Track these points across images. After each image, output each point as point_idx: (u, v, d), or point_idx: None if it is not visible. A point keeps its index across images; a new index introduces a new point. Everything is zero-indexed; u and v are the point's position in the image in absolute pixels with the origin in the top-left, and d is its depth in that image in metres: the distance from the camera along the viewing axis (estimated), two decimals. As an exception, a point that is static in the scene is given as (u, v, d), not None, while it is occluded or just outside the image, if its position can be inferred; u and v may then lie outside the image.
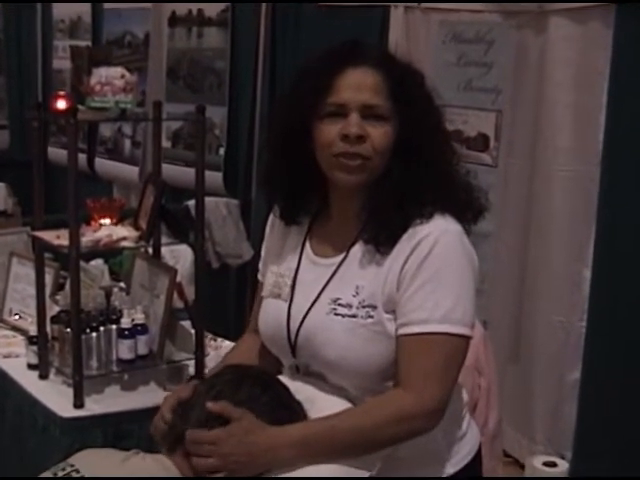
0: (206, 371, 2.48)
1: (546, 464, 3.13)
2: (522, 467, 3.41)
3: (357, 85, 1.72)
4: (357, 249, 1.78)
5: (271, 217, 1.97)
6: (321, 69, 1.74)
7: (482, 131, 3.53)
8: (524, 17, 3.42)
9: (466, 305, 1.68)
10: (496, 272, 3.57)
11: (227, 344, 2.88)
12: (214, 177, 4.52)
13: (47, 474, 1.75)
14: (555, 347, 3.43)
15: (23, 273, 3.10)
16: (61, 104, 2.47)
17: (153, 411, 1.98)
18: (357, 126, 1.70)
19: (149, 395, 2.57)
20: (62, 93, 2.54)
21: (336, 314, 1.74)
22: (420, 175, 1.72)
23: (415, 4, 3.79)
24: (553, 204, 3.39)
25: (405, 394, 1.67)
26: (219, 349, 2.86)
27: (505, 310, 3.60)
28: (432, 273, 1.67)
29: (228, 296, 4.73)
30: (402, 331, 1.68)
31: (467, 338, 1.69)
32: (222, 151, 4.75)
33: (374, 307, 1.71)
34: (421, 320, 1.66)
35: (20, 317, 3.07)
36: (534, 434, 3.51)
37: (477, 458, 1.92)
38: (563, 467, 3.16)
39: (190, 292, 2.86)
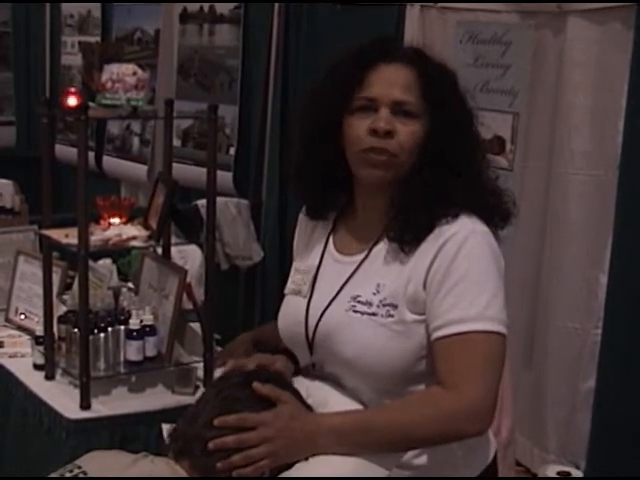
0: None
1: (560, 474, 3.08)
2: (534, 476, 3.36)
3: (389, 81, 1.72)
4: (380, 247, 1.77)
5: (300, 216, 1.99)
6: (354, 64, 1.75)
7: (498, 134, 3.49)
8: (542, 17, 3.37)
9: (499, 303, 1.66)
10: (510, 277, 3.50)
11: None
12: (224, 177, 4.47)
13: (54, 476, 1.73)
14: (569, 354, 3.38)
15: (29, 272, 3.08)
16: (72, 101, 2.44)
17: (161, 414, 1.96)
18: (386, 121, 1.71)
19: (157, 397, 2.56)
20: (73, 90, 2.51)
21: (355, 311, 1.73)
22: (449, 177, 1.71)
23: (431, 3, 3.74)
24: (569, 208, 3.34)
25: (444, 392, 1.64)
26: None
27: (518, 316, 3.55)
28: (462, 273, 1.65)
29: (237, 298, 4.69)
30: (437, 334, 1.66)
31: (503, 337, 1.66)
32: (232, 151, 4.72)
33: (395, 306, 1.69)
34: (456, 320, 1.64)
35: (26, 317, 3.05)
36: (546, 443, 3.46)
37: (492, 467, 1.91)
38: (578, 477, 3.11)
39: (199, 293, 2.83)
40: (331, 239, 1.88)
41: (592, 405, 3.30)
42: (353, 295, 1.74)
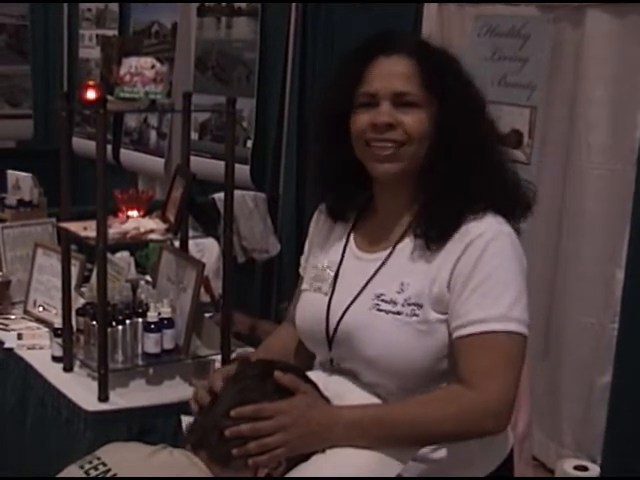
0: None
1: (577, 468, 3.07)
2: (550, 471, 3.35)
3: (388, 74, 1.71)
4: (404, 245, 1.75)
5: (316, 214, 1.97)
6: (354, 60, 1.74)
7: (516, 127, 3.47)
8: (561, 10, 3.35)
9: (522, 304, 1.66)
10: (526, 271, 3.51)
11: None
12: (241, 170, 4.48)
13: (74, 467, 1.73)
14: (586, 349, 3.37)
15: (48, 264, 3.09)
16: (91, 94, 2.44)
17: (178, 406, 1.96)
18: (386, 115, 1.69)
19: (174, 390, 2.56)
20: (92, 83, 2.52)
21: (379, 310, 1.71)
22: (465, 166, 1.69)
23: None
24: (586, 203, 3.33)
25: (467, 390, 1.63)
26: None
27: (535, 310, 3.49)
28: (487, 274, 1.64)
29: (254, 291, 4.70)
30: (460, 333, 1.65)
31: (525, 337, 1.66)
32: (250, 144, 4.72)
33: (420, 305, 1.68)
34: (479, 320, 1.63)
35: (44, 309, 3.06)
36: (562, 438, 3.46)
37: (509, 460, 1.89)
38: (594, 471, 3.10)
39: (216, 286, 2.83)
40: (352, 236, 1.86)
41: (608, 400, 3.29)
42: (377, 293, 1.73)
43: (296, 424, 1.61)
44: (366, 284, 1.76)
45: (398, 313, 1.69)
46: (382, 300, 1.72)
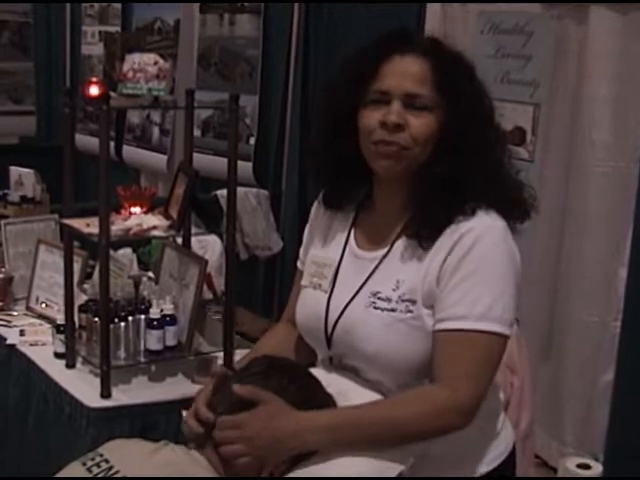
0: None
1: (579, 466, 3.07)
2: (552, 469, 3.35)
3: (402, 73, 1.70)
4: (400, 244, 1.76)
5: (315, 205, 1.98)
6: (368, 55, 1.74)
7: (519, 124, 3.47)
8: (564, 8, 3.35)
9: (506, 303, 1.65)
10: (529, 269, 3.49)
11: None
12: (244, 167, 4.48)
13: (76, 463, 1.74)
14: (588, 347, 3.37)
15: (50, 261, 3.09)
16: (93, 90, 2.44)
17: (180, 403, 1.97)
18: (397, 115, 1.69)
19: (177, 387, 2.56)
20: (94, 79, 2.52)
21: (375, 307, 1.73)
22: (464, 170, 1.69)
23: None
24: (590, 200, 3.33)
25: (440, 389, 1.64)
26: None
27: (537, 308, 3.55)
28: (473, 269, 1.64)
29: (256, 288, 4.70)
30: (439, 326, 1.66)
31: (505, 337, 1.66)
32: (252, 140, 4.72)
33: (414, 302, 1.69)
34: (459, 316, 1.64)
35: (47, 305, 3.06)
36: (564, 436, 3.46)
37: (511, 458, 1.90)
38: (597, 469, 3.09)
39: (219, 283, 2.83)
40: (352, 234, 1.86)
41: (610, 398, 3.28)
42: (373, 291, 1.74)
43: (259, 436, 1.63)
44: (364, 283, 1.77)
45: (392, 310, 1.70)
46: (378, 298, 1.73)
